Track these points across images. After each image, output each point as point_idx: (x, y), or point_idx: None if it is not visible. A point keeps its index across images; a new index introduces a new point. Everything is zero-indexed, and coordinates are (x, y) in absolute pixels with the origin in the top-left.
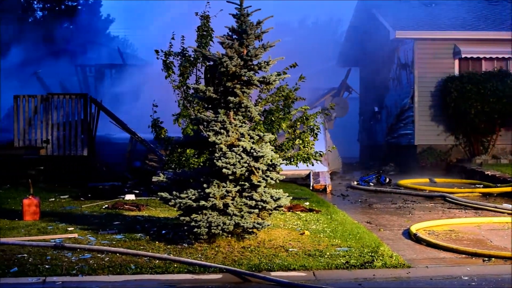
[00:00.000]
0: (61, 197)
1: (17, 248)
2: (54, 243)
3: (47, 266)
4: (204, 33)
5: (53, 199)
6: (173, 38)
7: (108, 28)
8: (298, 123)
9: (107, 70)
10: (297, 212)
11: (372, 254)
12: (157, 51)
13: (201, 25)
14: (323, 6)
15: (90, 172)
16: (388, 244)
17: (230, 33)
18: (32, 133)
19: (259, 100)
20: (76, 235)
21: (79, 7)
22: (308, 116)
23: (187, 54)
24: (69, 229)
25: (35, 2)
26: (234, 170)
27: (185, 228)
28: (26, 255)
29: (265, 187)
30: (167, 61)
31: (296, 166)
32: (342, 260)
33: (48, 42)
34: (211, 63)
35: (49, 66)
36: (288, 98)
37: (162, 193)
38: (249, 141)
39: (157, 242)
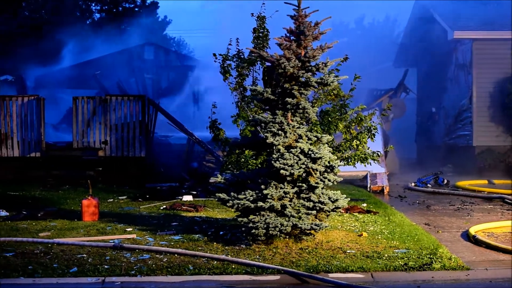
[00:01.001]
0: (120, 198)
1: (77, 248)
2: (113, 243)
3: (106, 266)
4: (260, 34)
5: (112, 200)
6: (230, 44)
7: (165, 30)
8: (354, 123)
9: (164, 72)
10: (354, 214)
11: (431, 256)
12: (215, 55)
13: (257, 27)
14: (380, 6)
15: (147, 173)
16: (446, 246)
17: (287, 34)
18: (91, 135)
19: (315, 100)
20: (134, 235)
21: (136, 9)
22: (363, 117)
23: (243, 56)
24: (128, 229)
25: (93, 4)
26: (292, 171)
27: (243, 229)
28: (85, 255)
29: (322, 188)
30: (225, 65)
31: (354, 166)
32: (400, 262)
33: (105, 43)
34: (269, 64)
35: (107, 68)
36: (338, 95)
37: (220, 194)
38: (306, 142)
39: (215, 243)
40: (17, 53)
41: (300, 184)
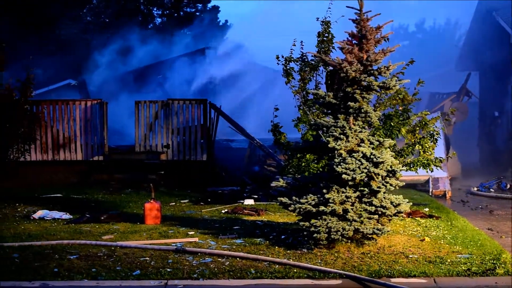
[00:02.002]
0: (181, 201)
1: (139, 252)
2: (175, 247)
3: (168, 270)
4: (325, 38)
5: (174, 203)
6: (294, 45)
7: (226, 34)
8: (417, 128)
9: (225, 75)
10: (416, 218)
11: (494, 262)
12: (277, 57)
13: (321, 31)
14: (441, 9)
15: (209, 177)
16: (510, 252)
17: (349, 38)
18: (153, 138)
19: (377, 104)
20: (196, 239)
21: (197, 13)
22: (427, 121)
23: (306, 60)
24: (190, 233)
25: (155, 9)
26: (354, 175)
27: (305, 233)
28: (148, 258)
29: (384, 192)
30: (287, 67)
31: (416, 172)
32: (463, 267)
33: (167, 48)
34: (331, 68)
35: (168, 72)
36: (404, 99)
37: (282, 198)
38: (368, 146)
39: (276, 247)
40: (80, 57)
41: (362, 188)
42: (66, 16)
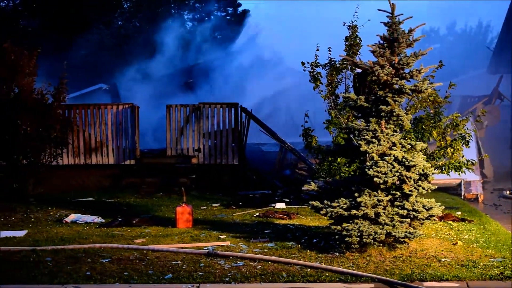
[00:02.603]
0: (213, 205)
1: (171, 255)
2: (207, 250)
3: (200, 273)
4: (352, 42)
5: (205, 207)
6: (317, 50)
7: (255, 38)
8: (449, 130)
9: (254, 79)
10: (448, 222)
11: None
12: (303, 63)
13: (349, 35)
14: (472, 11)
15: (240, 181)
16: None
17: (381, 41)
18: (184, 142)
19: (409, 107)
20: (228, 243)
21: (228, 17)
22: (458, 122)
23: (334, 64)
24: (221, 236)
25: (185, 13)
26: (386, 179)
27: (336, 237)
28: (180, 262)
29: (416, 196)
30: (314, 73)
31: (448, 175)
32: (496, 271)
33: (198, 52)
34: (359, 71)
35: (199, 76)
36: (435, 102)
37: (313, 202)
38: (400, 150)
39: (308, 250)
40: (111, 61)
41: (393, 192)
42: (97, 20)
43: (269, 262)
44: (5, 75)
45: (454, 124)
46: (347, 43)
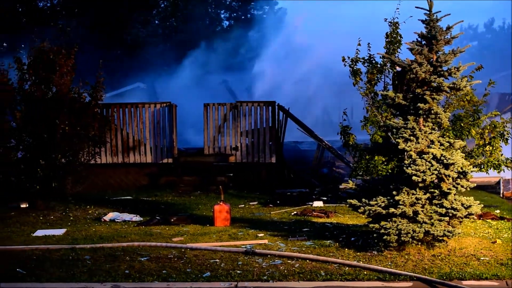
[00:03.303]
0: (250, 203)
1: (209, 253)
2: (245, 249)
3: (238, 272)
4: (392, 39)
5: (243, 205)
6: (359, 44)
7: (292, 35)
8: (488, 129)
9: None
10: (487, 220)
11: None
12: (343, 58)
13: (389, 32)
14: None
15: (278, 179)
16: None
17: (419, 39)
18: (221, 141)
19: (447, 105)
20: (266, 241)
21: (264, 16)
22: (496, 124)
23: (374, 61)
24: (259, 235)
25: (222, 12)
26: (424, 177)
27: (374, 235)
28: (218, 260)
29: (455, 194)
30: (354, 68)
31: (487, 173)
32: None
33: (234, 50)
34: (399, 69)
35: (236, 74)
36: (471, 101)
37: (351, 200)
38: (438, 148)
39: (346, 249)
40: (148, 60)
41: (432, 190)
42: (135, 19)
43: (307, 261)
44: (43, 74)
45: (493, 125)
46: (387, 39)
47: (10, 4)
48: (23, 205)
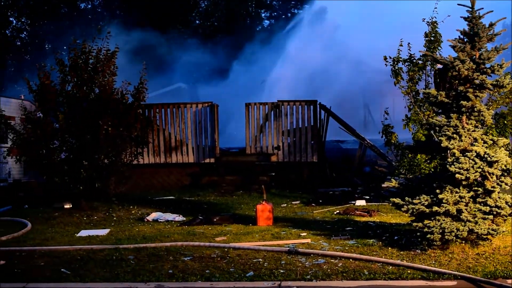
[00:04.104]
0: (293, 202)
1: (252, 253)
2: (288, 248)
3: (281, 271)
4: (432, 38)
5: (285, 204)
6: (401, 45)
7: (333, 34)
8: None
9: (332, 76)
10: None
11: None
12: (385, 58)
13: (429, 31)
14: None
15: (320, 178)
16: None
17: (461, 36)
18: (263, 140)
19: (490, 103)
20: (309, 240)
21: (304, 15)
22: None
23: (414, 60)
24: (302, 234)
25: (262, 11)
26: (468, 175)
27: (418, 234)
28: (261, 259)
29: (499, 192)
30: (396, 68)
31: None
32: None
33: (272, 50)
34: (441, 67)
35: (276, 73)
36: None
37: (394, 199)
38: (482, 145)
39: (389, 248)
40: (189, 61)
41: (475, 188)
42: (176, 20)
43: (351, 260)
44: (85, 76)
45: None
46: (426, 38)
47: (54, 5)
48: (67, 206)
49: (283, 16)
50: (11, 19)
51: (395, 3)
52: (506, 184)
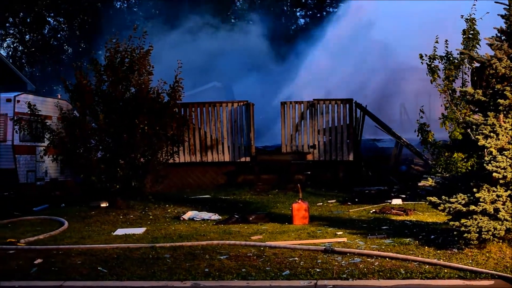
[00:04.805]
0: (328, 201)
1: (288, 252)
2: (324, 247)
3: (318, 270)
4: (470, 36)
5: (321, 203)
6: (436, 42)
7: (369, 32)
8: None
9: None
10: None
11: None
12: (421, 56)
13: (466, 28)
14: None
15: (355, 177)
16: None
17: (498, 34)
18: (299, 139)
19: None
20: (345, 239)
21: (340, 13)
22: None
23: (451, 58)
24: (338, 233)
25: (298, 10)
26: (505, 174)
27: (455, 233)
28: (297, 258)
29: None
30: (432, 66)
31: None
32: None
33: (310, 48)
34: (478, 65)
35: (311, 71)
36: None
37: (431, 198)
38: None
39: (426, 247)
40: (224, 59)
41: None
42: (211, 18)
43: (387, 259)
44: (121, 75)
45: None
46: (464, 36)
47: (90, 4)
48: (103, 204)
49: (318, 15)
50: (48, 19)
51: (433, 2)
52: None
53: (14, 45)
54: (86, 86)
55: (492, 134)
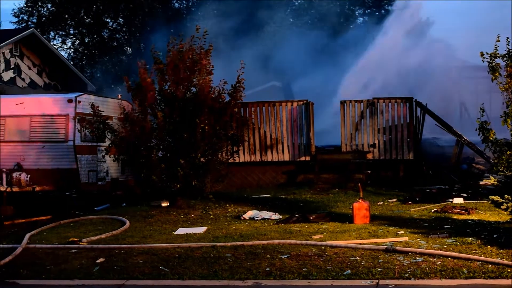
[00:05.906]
0: (389, 200)
1: (349, 251)
2: (385, 246)
3: (379, 269)
4: None
5: (381, 202)
6: (498, 40)
7: (428, 31)
8: None
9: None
10: None
11: None
12: (482, 54)
13: None
14: None
15: (416, 176)
16: None
17: None
18: (359, 138)
19: None
20: (406, 238)
21: (398, 10)
22: None
23: None
24: (399, 232)
25: (356, 8)
26: None
27: None
28: (358, 258)
29: None
30: (493, 64)
31: None
32: None
33: (366, 47)
34: None
35: (368, 70)
36: None
37: (493, 197)
38: None
39: (488, 246)
40: (283, 58)
41: None
42: (270, 18)
43: (449, 258)
44: (183, 75)
45: None
46: None
47: (149, 5)
48: (164, 204)
49: (377, 13)
50: (107, 20)
51: (492, 2)
52: None
53: (75, 46)
54: (149, 84)
55: None
